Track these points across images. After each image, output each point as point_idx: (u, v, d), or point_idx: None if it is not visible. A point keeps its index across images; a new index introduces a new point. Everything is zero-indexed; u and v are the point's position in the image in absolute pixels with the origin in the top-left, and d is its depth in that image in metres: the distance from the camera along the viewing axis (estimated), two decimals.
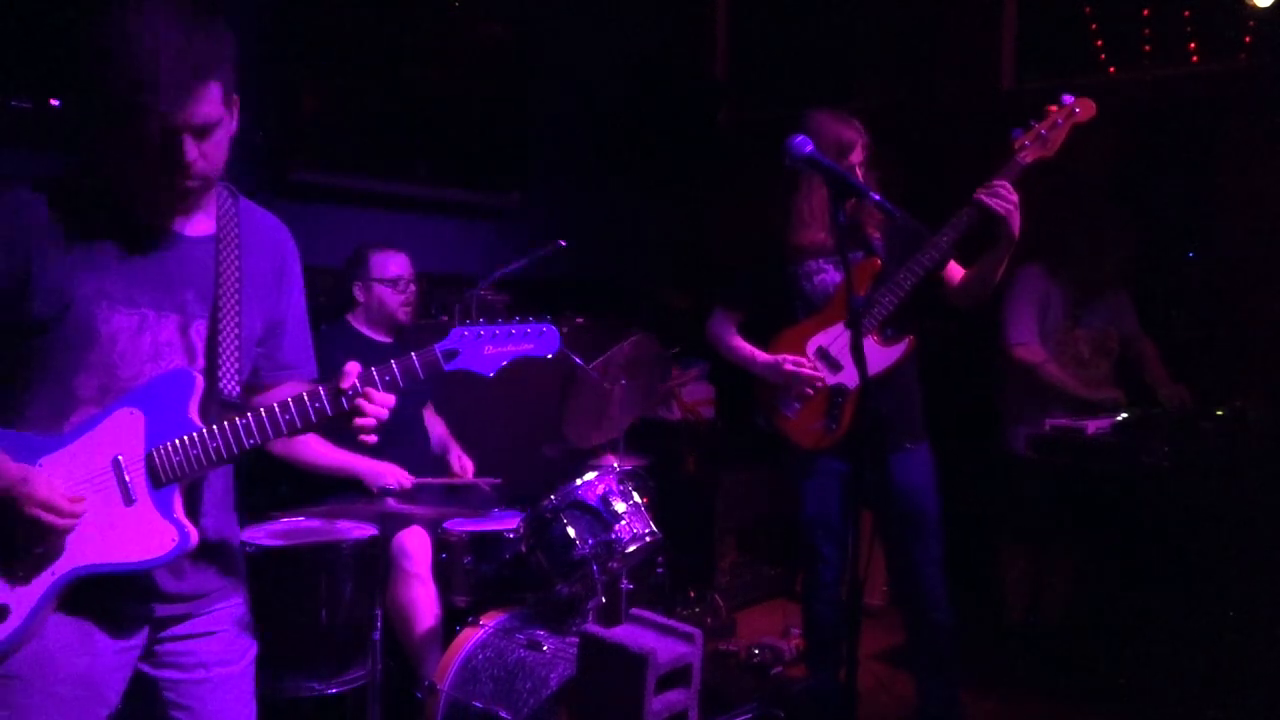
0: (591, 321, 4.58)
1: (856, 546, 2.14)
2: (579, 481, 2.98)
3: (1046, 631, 4.04)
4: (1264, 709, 3.00)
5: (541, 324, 1.84)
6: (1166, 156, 4.29)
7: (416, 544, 3.09)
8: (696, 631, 2.60)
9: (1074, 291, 3.91)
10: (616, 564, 2.99)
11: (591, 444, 3.89)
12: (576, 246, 3.57)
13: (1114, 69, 4.56)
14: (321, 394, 1.70)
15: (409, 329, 3.50)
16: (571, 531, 2.92)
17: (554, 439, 3.89)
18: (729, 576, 4.67)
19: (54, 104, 3.24)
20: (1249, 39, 4.18)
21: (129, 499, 1.64)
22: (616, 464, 3.36)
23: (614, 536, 2.92)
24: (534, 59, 4.94)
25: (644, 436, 4.35)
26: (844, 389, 2.95)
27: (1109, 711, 3.46)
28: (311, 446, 3.09)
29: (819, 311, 3.00)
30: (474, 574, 3.14)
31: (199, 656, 1.78)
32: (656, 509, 3.17)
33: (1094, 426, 3.26)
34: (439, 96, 4.54)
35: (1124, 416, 3.34)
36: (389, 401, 1.73)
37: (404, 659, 3.02)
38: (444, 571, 3.13)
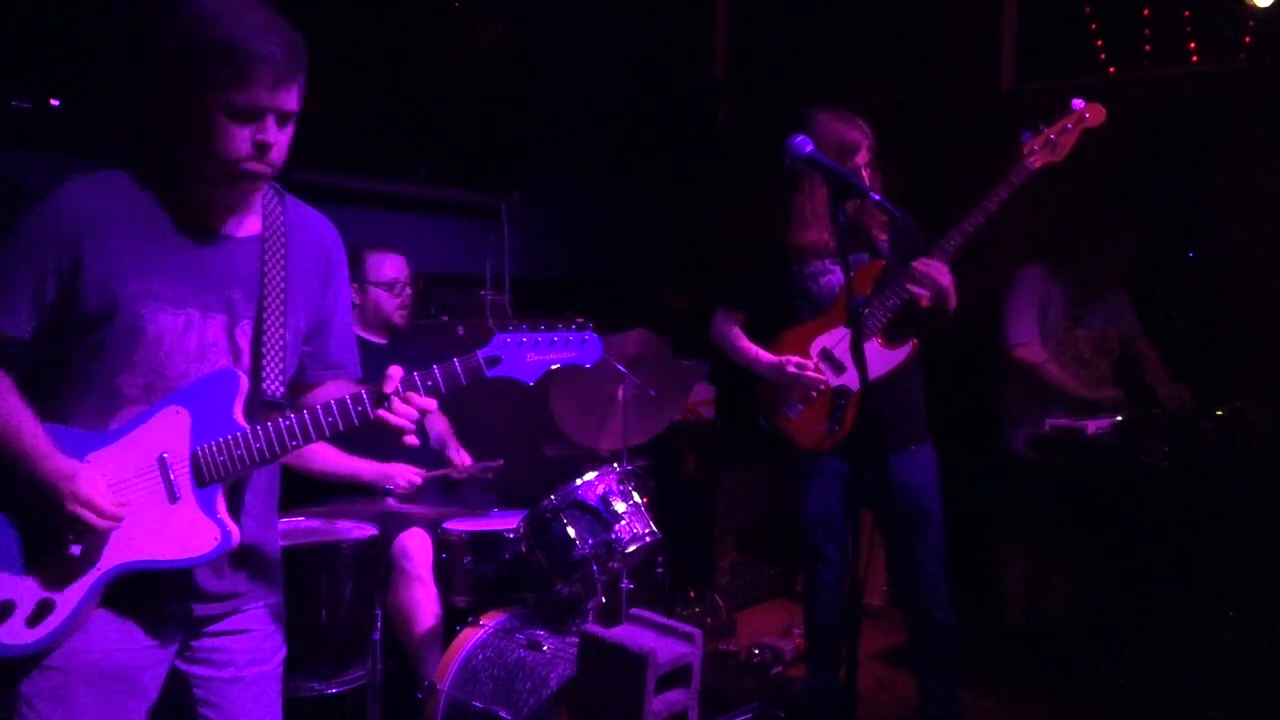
0: (591, 322, 4.57)
1: (857, 546, 2.14)
2: (579, 481, 2.98)
3: (1046, 631, 4.03)
4: (1264, 709, 3.00)
5: (584, 332, 1.83)
6: (1166, 156, 4.29)
7: (417, 546, 3.09)
8: (696, 631, 2.59)
9: (1074, 291, 3.90)
10: (616, 564, 2.99)
11: (602, 449, 3.80)
12: (577, 246, 3.56)
13: (1114, 69, 4.55)
14: (364, 397, 1.70)
15: (404, 330, 3.50)
16: (571, 531, 2.92)
17: (555, 439, 3.87)
18: (729, 576, 4.67)
19: (54, 104, 3.24)
20: (1249, 39, 4.18)
21: (173, 497, 1.66)
22: (617, 464, 3.36)
23: (614, 536, 2.92)
24: (534, 59, 4.94)
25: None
26: (847, 391, 2.94)
27: (1109, 711, 3.46)
28: (320, 454, 3.07)
29: (824, 313, 3.00)
30: (474, 574, 3.13)
31: (231, 654, 1.79)
32: (656, 509, 3.17)
33: (1094, 426, 3.27)
34: (439, 96, 4.54)
35: (1124, 417, 3.35)
36: (430, 406, 1.73)
37: (404, 659, 3.02)
38: (444, 571, 3.12)
